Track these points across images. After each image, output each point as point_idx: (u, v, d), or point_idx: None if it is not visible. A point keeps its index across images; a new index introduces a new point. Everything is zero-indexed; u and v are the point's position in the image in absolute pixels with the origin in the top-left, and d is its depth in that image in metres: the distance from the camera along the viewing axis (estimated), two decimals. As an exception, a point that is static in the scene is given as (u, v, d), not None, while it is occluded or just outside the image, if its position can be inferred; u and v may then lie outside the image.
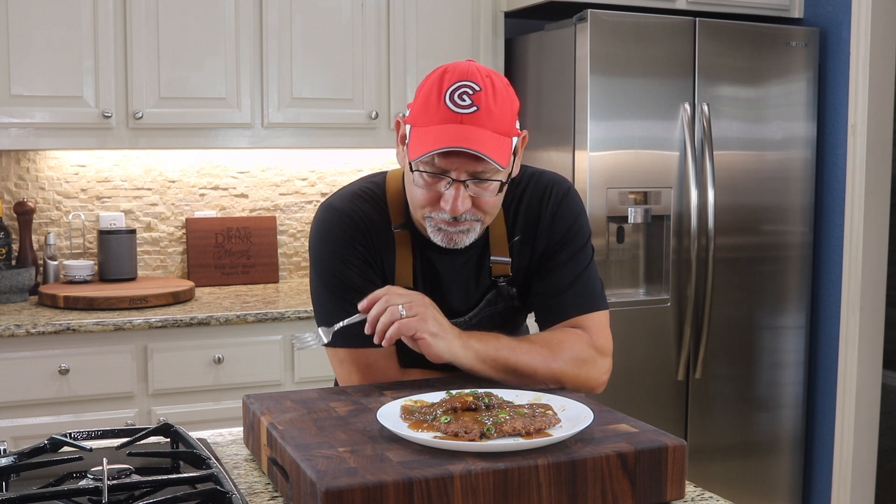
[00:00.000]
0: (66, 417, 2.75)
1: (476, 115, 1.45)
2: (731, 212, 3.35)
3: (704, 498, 1.29)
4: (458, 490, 1.13)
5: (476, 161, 1.46)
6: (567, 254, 1.66)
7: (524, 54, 3.48)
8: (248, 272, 3.48)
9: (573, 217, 1.68)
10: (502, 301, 1.69)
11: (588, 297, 1.66)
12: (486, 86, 1.47)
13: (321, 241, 1.64)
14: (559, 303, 1.65)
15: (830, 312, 3.54)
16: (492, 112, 1.46)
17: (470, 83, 1.46)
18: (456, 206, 1.48)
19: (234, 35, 3.13)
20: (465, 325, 1.67)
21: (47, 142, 2.99)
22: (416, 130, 1.49)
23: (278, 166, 3.55)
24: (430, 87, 1.49)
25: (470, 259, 1.66)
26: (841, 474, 3.48)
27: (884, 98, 3.39)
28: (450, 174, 1.48)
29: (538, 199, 1.67)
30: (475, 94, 1.46)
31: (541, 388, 1.53)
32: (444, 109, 1.46)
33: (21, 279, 3.02)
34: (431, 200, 1.52)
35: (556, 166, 3.25)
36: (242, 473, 1.39)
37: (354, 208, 1.63)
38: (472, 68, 1.49)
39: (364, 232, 1.62)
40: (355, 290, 1.59)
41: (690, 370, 3.30)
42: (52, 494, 1.15)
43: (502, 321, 1.71)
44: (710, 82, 3.26)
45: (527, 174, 1.70)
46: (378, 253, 1.63)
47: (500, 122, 1.48)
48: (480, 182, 1.49)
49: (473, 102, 1.45)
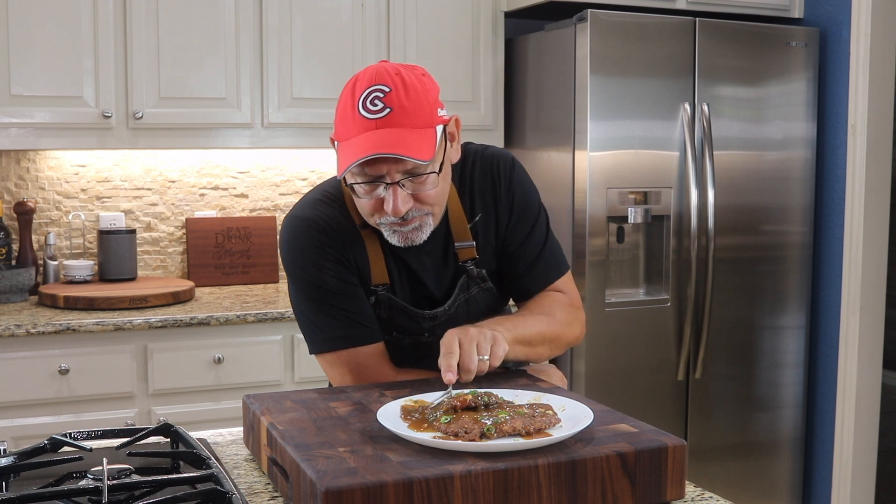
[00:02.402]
0: (66, 417, 2.75)
1: (390, 117, 1.46)
2: (731, 212, 3.35)
3: (704, 498, 1.29)
4: (458, 490, 1.13)
5: (402, 161, 1.47)
6: (528, 224, 1.71)
7: (524, 54, 3.48)
8: (248, 272, 3.48)
9: (525, 187, 1.73)
10: (474, 285, 1.70)
11: (556, 263, 1.75)
12: (396, 84, 1.48)
13: (291, 253, 1.65)
14: (532, 276, 1.73)
15: (830, 312, 3.54)
16: (406, 109, 1.47)
17: (379, 87, 1.47)
18: (397, 207, 1.50)
19: (234, 35, 3.13)
20: (445, 314, 1.69)
21: (47, 142, 2.99)
22: (341, 146, 1.50)
23: (278, 166, 3.55)
24: (345, 100, 1.51)
25: (434, 248, 1.67)
26: (841, 474, 3.48)
27: (884, 98, 3.39)
28: (384, 179, 1.49)
29: (489, 175, 1.70)
30: (386, 95, 1.47)
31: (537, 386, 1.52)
32: (359, 119, 1.47)
33: (21, 279, 3.02)
34: (376, 207, 1.53)
35: (556, 166, 3.25)
36: (242, 473, 1.39)
37: (318, 214, 1.64)
38: (380, 70, 1.50)
39: (331, 235, 1.62)
40: (334, 294, 1.61)
41: (690, 370, 3.30)
42: (52, 494, 1.15)
43: (483, 306, 1.73)
44: (710, 82, 3.26)
45: (471, 154, 1.72)
46: (349, 254, 1.63)
47: (417, 116, 1.48)
48: (415, 177, 1.51)
49: (385, 105, 1.46)
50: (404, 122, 1.47)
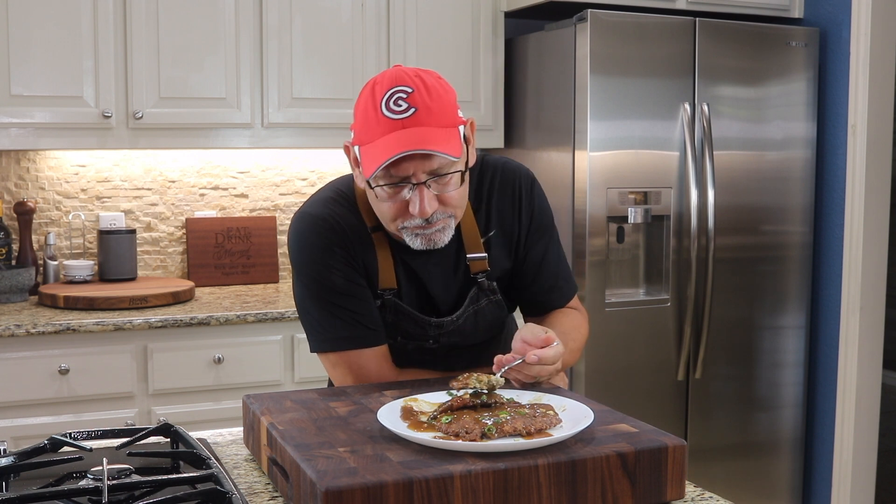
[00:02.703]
0: (66, 417, 2.75)
1: (416, 116, 1.46)
2: (731, 212, 3.35)
3: (704, 498, 1.29)
4: (458, 490, 1.13)
5: (430, 160, 1.47)
6: (544, 243, 1.73)
7: (524, 54, 3.48)
8: (248, 272, 3.48)
9: (543, 207, 1.74)
10: (484, 297, 1.70)
11: (567, 283, 1.79)
12: (418, 85, 1.48)
13: (300, 250, 1.63)
14: (550, 299, 1.77)
15: (830, 312, 3.54)
16: (430, 109, 1.47)
17: (402, 87, 1.47)
18: (423, 207, 1.49)
19: (234, 35, 3.13)
20: (452, 324, 1.68)
21: (47, 142, 2.99)
22: (365, 149, 1.49)
23: (278, 166, 3.55)
24: (366, 103, 1.50)
25: (444, 258, 1.66)
26: (841, 474, 3.48)
27: (884, 98, 3.39)
28: (409, 180, 1.49)
29: (508, 191, 1.70)
30: (409, 96, 1.47)
31: (543, 388, 1.53)
32: (383, 120, 1.47)
33: (21, 279, 3.02)
34: (399, 210, 1.52)
35: (556, 166, 3.25)
36: (242, 473, 1.39)
37: (329, 212, 1.63)
38: (399, 72, 1.50)
39: (341, 235, 1.61)
40: (340, 294, 1.60)
41: (690, 370, 3.30)
42: (52, 494, 1.15)
43: (491, 318, 1.72)
44: (710, 82, 3.26)
45: (489, 168, 1.72)
46: (358, 255, 1.62)
47: (441, 115, 1.48)
48: (440, 178, 1.50)
49: (410, 105, 1.46)
50: (430, 121, 1.47)
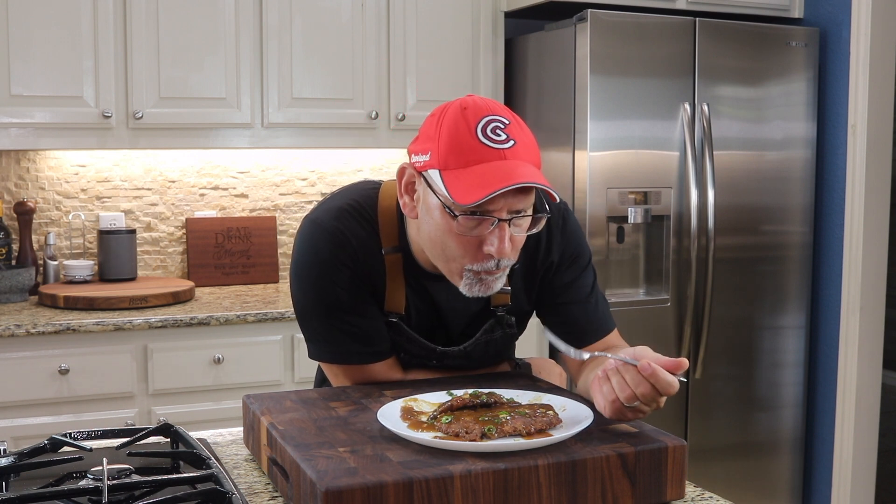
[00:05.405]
0: (66, 417, 2.75)
1: (515, 150, 1.36)
2: (731, 212, 3.35)
3: (704, 498, 1.29)
4: (458, 490, 1.13)
5: (519, 198, 1.37)
6: (577, 270, 1.63)
7: (524, 54, 3.48)
8: (248, 272, 3.48)
9: (577, 239, 1.64)
10: (499, 329, 1.64)
11: (604, 319, 1.67)
12: (512, 119, 1.39)
13: (305, 262, 1.54)
14: (578, 334, 1.63)
15: (830, 312, 3.54)
16: (527, 144, 1.39)
17: (497, 117, 1.37)
18: (503, 248, 1.38)
19: (234, 35, 3.13)
20: (461, 353, 1.63)
21: (47, 142, 2.99)
22: (454, 173, 1.35)
23: (278, 166, 3.55)
24: (455, 126, 1.37)
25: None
26: (841, 474, 3.48)
27: (884, 98, 3.39)
28: (492, 214, 1.37)
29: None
30: (507, 127, 1.37)
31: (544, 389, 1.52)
32: (481, 147, 1.35)
33: (21, 279, 3.01)
34: (471, 248, 1.40)
35: (556, 166, 3.25)
36: (242, 473, 1.39)
37: (341, 227, 1.52)
38: (488, 102, 1.41)
39: (352, 254, 1.52)
40: (345, 311, 1.53)
41: (690, 370, 3.30)
42: (52, 494, 1.15)
43: (502, 348, 1.68)
44: (710, 82, 3.26)
45: None
46: (366, 276, 1.53)
47: (534, 153, 1.40)
48: (519, 219, 1.40)
49: (509, 136, 1.36)
50: (527, 157, 1.38)
